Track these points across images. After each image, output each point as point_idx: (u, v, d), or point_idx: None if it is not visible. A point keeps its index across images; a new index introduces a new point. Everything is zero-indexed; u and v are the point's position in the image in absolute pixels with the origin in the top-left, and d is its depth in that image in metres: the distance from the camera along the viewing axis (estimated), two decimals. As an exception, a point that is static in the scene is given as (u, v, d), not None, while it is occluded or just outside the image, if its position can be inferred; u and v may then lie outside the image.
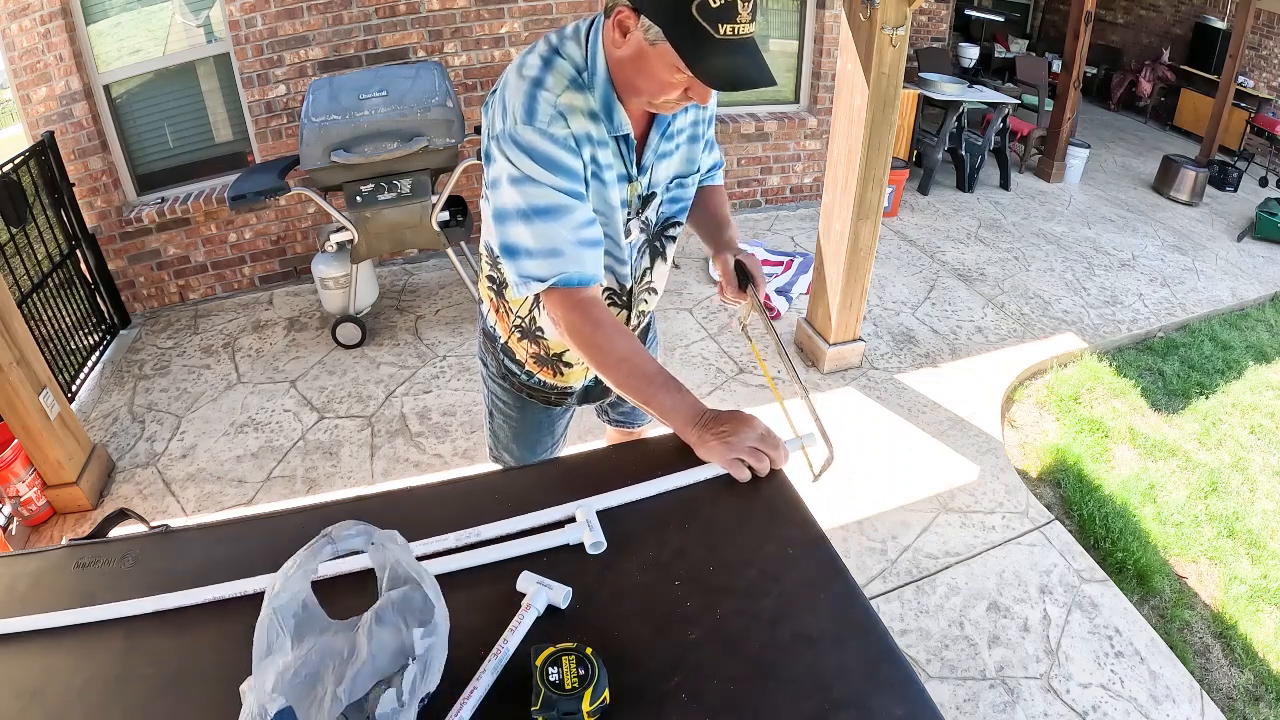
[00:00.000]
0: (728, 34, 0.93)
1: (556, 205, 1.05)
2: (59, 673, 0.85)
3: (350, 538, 0.78)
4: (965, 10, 7.75)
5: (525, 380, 1.45)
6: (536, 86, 1.04)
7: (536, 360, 1.39)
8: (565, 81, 1.05)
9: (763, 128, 4.49)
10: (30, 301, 2.81)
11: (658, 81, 1.01)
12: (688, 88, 1.01)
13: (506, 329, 1.38)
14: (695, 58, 0.94)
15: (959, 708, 1.91)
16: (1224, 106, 6.13)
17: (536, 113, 1.03)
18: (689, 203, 1.33)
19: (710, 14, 0.91)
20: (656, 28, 0.95)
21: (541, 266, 1.07)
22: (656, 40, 0.96)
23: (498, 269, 1.28)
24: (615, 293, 1.32)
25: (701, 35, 0.93)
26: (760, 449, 1.04)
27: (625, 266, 1.28)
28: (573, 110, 1.05)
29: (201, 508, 2.49)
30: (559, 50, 1.07)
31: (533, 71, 1.05)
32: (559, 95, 1.04)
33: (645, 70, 1.01)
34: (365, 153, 2.86)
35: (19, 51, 3.18)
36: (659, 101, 1.05)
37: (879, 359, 3.31)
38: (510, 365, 1.44)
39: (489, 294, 1.38)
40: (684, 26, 0.93)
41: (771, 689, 0.80)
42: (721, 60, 0.95)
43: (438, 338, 3.40)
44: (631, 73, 1.03)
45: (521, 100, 1.04)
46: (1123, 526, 2.53)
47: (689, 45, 0.94)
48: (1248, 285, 4.29)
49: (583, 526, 0.97)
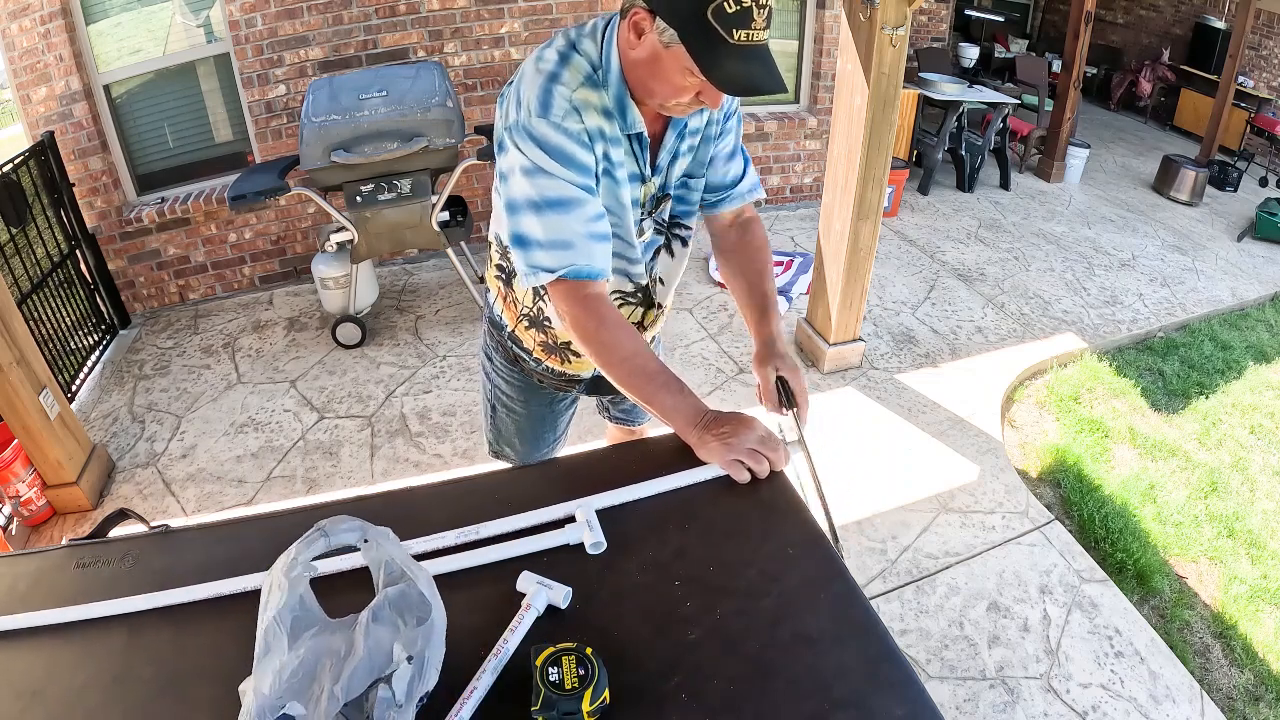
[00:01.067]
0: (742, 40, 0.93)
1: (568, 197, 1.06)
2: (59, 672, 0.85)
3: (344, 532, 0.78)
4: (965, 10, 7.74)
5: (534, 366, 1.45)
6: (552, 81, 1.05)
7: (544, 348, 1.39)
8: (581, 77, 1.06)
9: (763, 128, 4.49)
10: (30, 301, 2.80)
11: (671, 84, 1.02)
12: (699, 91, 1.02)
13: (513, 318, 1.38)
14: (709, 62, 0.95)
15: (959, 708, 1.91)
16: (1224, 106, 6.13)
17: (551, 106, 1.04)
18: (696, 203, 1.32)
19: (726, 19, 0.92)
20: (671, 30, 0.96)
21: (551, 258, 1.07)
22: (671, 43, 0.97)
23: (507, 259, 1.28)
24: (629, 293, 1.32)
25: (716, 40, 0.93)
26: (759, 451, 1.05)
27: (639, 265, 1.27)
28: (587, 106, 1.06)
29: (201, 508, 2.49)
30: (576, 46, 1.08)
31: (549, 66, 1.06)
32: (574, 90, 1.05)
33: (659, 72, 1.01)
34: (365, 153, 2.86)
35: (19, 51, 3.18)
36: (671, 104, 1.06)
37: (879, 359, 3.31)
38: (519, 352, 1.44)
39: (497, 283, 1.38)
40: (699, 30, 0.93)
41: (771, 689, 0.80)
42: (735, 65, 0.95)
43: (438, 338, 3.40)
44: (645, 74, 1.03)
45: (537, 93, 1.04)
46: (1123, 526, 2.53)
47: (703, 49, 0.95)
48: (1248, 285, 4.29)
49: (583, 526, 0.97)
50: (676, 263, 1.37)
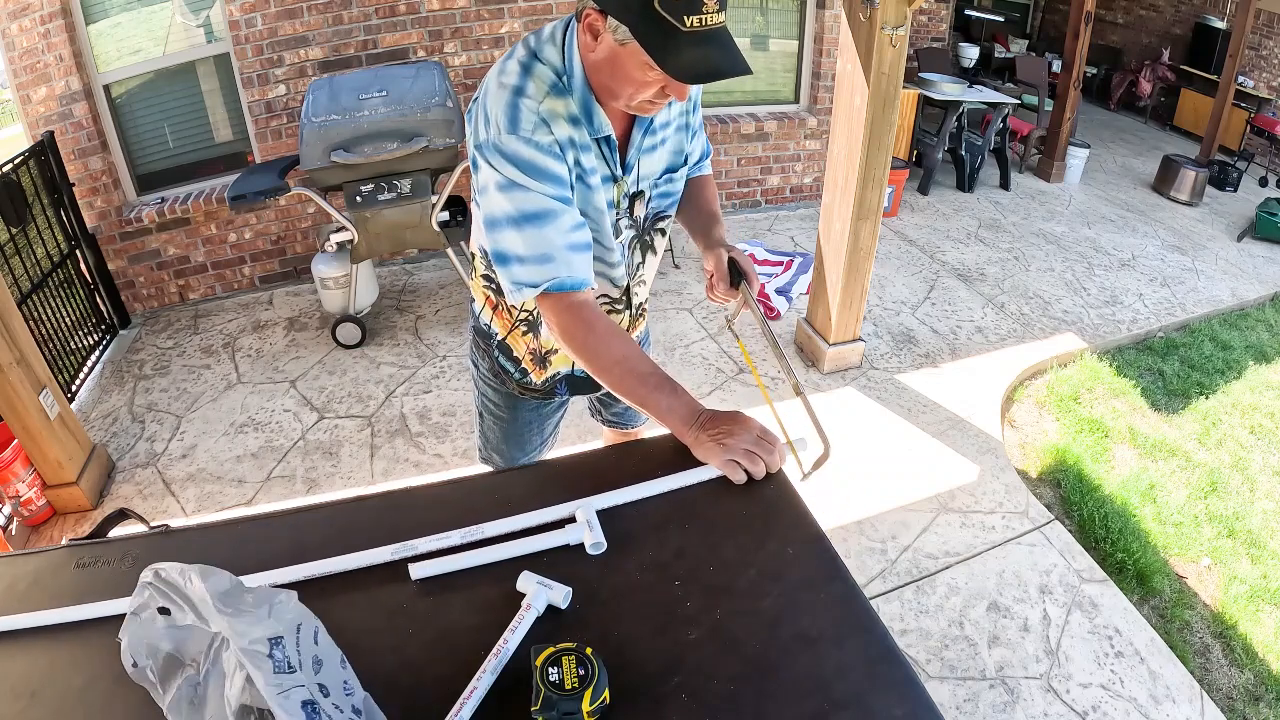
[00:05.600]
0: (695, 25, 0.92)
1: (546, 210, 1.06)
2: (59, 673, 0.85)
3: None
4: (965, 10, 7.74)
5: (519, 379, 1.44)
6: (518, 95, 1.04)
7: (532, 356, 1.39)
8: (546, 87, 1.05)
9: (763, 128, 4.49)
10: (30, 301, 2.80)
11: (633, 82, 1.01)
12: (664, 85, 1.01)
13: (505, 326, 1.37)
14: (664, 53, 0.94)
15: (959, 708, 1.91)
16: (1224, 106, 6.13)
17: (520, 121, 1.03)
18: (678, 196, 1.32)
19: (674, 7, 0.91)
20: (624, 27, 0.95)
21: (533, 273, 1.08)
22: (625, 40, 0.96)
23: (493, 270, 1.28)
24: (615, 299, 1.33)
25: (668, 29, 0.92)
26: (756, 451, 1.04)
27: (619, 268, 1.28)
28: (555, 116, 1.05)
29: (201, 508, 2.49)
30: (538, 55, 1.07)
31: (513, 79, 1.05)
32: (540, 102, 1.04)
33: (619, 72, 1.00)
34: (365, 153, 2.85)
35: (19, 51, 3.18)
36: (636, 103, 1.05)
37: (879, 359, 3.31)
38: (505, 363, 1.43)
39: (485, 292, 1.37)
40: (650, 23, 0.92)
41: (771, 689, 0.80)
42: (691, 53, 0.94)
43: (438, 338, 3.40)
44: (607, 76, 1.03)
45: (504, 109, 1.04)
46: (1123, 526, 2.53)
47: (656, 41, 0.93)
48: (1248, 285, 4.29)
49: (583, 527, 0.97)
50: (655, 260, 1.38)
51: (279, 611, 0.70)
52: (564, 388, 1.49)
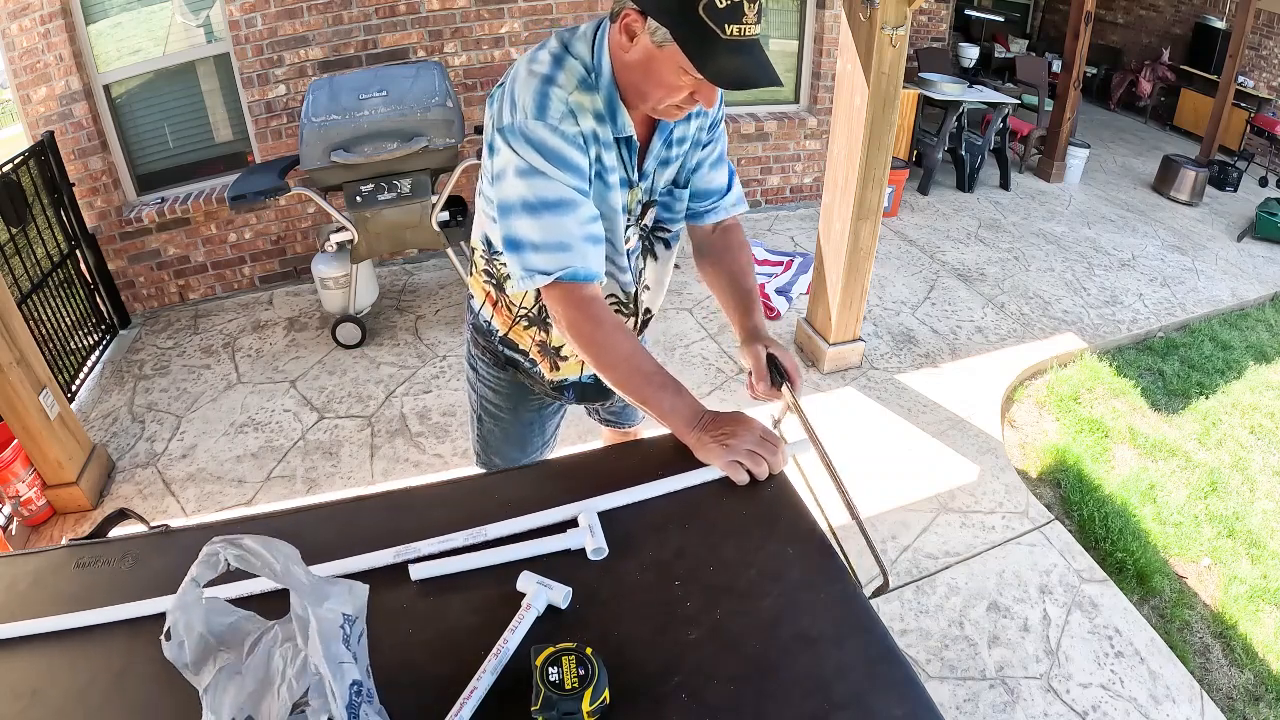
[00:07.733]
0: (734, 34, 0.94)
1: (565, 199, 1.05)
2: (59, 673, 0.85)
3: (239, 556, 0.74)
4: (965, 10, 7.74)
5: (529, 369, 1.43)
6: (548, 83, 1.05)
7: (541, 349, 1.38)
8: (575, 80, 1.06)
9: (763, 128, 4.49)
10: (30, 301, 2.80)
11: (664, 85, 1.02)
12: (694, 90, 1.02)
13: (506, 322, 1.36)
14: (703, 58, 0.95)
15: (959, 708, 1.91)
16: (1224, 106, 6.13)
17: (548, 109, 1.03)
18: (680, 213, 1.32)
19: (717, 14, 0.92)
20: (663, 29, 0.96)
21: (547, 260, 1.07)
22: (664, 42, 0.97)
23: (494, 264, 1.27)
24: (624, 303, 1.32)
25: (709, 36, 0.94)
26: (758, 452, 1.04)
27: (627, 274, 1.28)
28: (582, 109, 1.06)
29: (201, 508, 2.49)
30: (569, 49, 1.08)
31: (544, 68, 1.06)
32: (570, 93, 1.05)
33: (653, 74, 1.01)
34: (365, 153, 2.85)
35: (19, 51, 3.18)
36: (664, 106, 1.05)
37: (879, 359, 3.31)
38: (513, 355, 1.41)
39: (484, 289, 1.36)
40: (691, 27, 0.94)
41: (771, 689, 0.80)
42: (728, 60, 0.96)
43: (438, 338, 3.40)
44: (639, 77, 1.03)
45: (533, 95, 1.04)
46: (1123, 526, 2.53)
47: (696, 46, 0.95)
48: (1248, 285, 4.29)
49: (584, 532, 0.97)
50: (661, 266, 1.37)
51: (356, 595, 0.74)
52: (572, 394, 1.47)
